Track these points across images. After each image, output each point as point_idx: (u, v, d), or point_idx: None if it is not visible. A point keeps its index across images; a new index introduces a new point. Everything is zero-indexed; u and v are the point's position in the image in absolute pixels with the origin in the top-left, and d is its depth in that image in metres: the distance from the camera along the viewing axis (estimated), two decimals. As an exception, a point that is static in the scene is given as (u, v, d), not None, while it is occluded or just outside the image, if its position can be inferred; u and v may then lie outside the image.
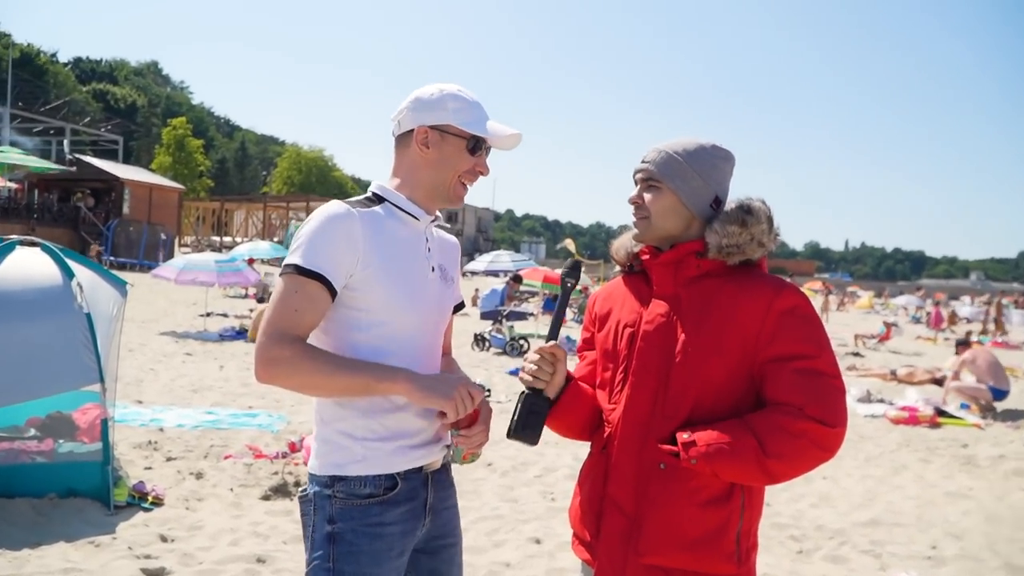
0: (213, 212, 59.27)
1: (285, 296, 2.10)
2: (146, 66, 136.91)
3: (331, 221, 2.14)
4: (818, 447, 2.03)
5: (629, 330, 2.26)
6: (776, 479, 2.08)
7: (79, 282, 5.39)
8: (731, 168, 2.29)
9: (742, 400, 2.14)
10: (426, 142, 2.26)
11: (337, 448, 2.20)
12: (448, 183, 2.29)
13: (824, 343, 2.12)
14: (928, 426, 10.54)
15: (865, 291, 62.98)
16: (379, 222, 2.21)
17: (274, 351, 2.06)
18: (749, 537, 2.16)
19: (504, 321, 16.61)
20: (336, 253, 2.11)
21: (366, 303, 2.17)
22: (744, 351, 2.11)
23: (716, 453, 2.04)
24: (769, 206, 2.23)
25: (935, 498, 7.15)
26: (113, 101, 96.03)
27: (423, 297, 2.27)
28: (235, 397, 9.82)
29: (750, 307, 2.12)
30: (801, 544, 5.70)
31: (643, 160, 2.28)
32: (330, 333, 2.20)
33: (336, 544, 2.16)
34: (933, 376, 14.53)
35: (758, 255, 2.21)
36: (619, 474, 2.20)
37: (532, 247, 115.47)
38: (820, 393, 2.04)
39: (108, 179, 40.80)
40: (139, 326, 16.19)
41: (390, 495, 2.20)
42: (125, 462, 6.43)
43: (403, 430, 2.22)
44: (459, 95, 2.27)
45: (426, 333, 2.31)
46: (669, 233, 2.24)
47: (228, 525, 5.37)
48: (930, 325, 29.79)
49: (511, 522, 5.81)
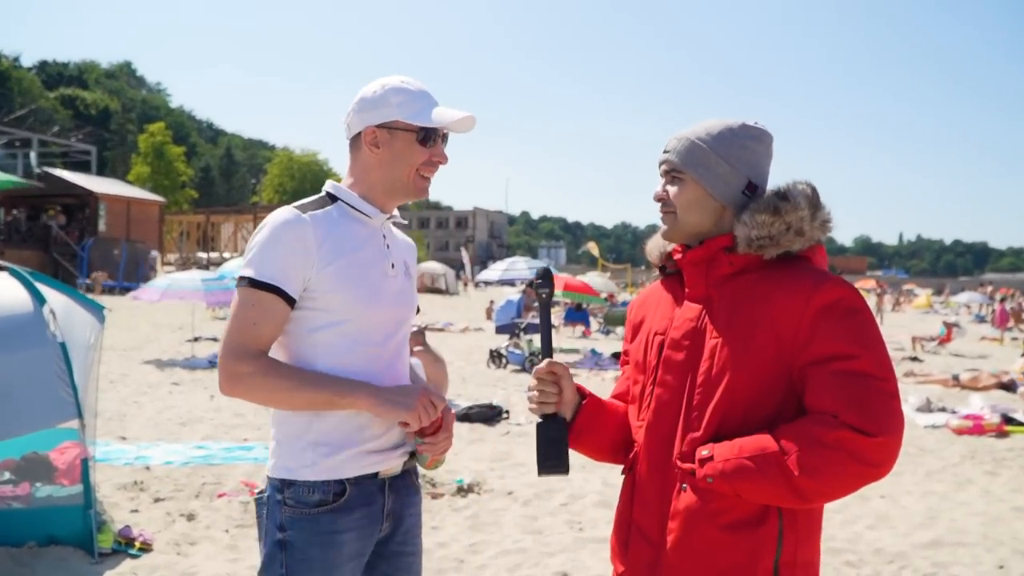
0: (198, 226, 59.51)
1: (242, 310, 2.27)
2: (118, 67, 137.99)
3: (281, 229, 2.28)
4: (857, 461, 1.91)
5: (659, 338, 2.22)
6: (810, 500, 1.97)
7: (51, 308, 5.43)
8: (765, 148, 2.21)
9: (780, 412, 2.05)
10: (375, 142, 2.39)
11: (289, 453, 2.36)
12: (405, 178, 2.42)
13: (871, 340, 2.00)
14: (995, 435, 10.52)
15: (923, 289, 62.73)
16: (333, 223, 2.35)
17: (237, 367, 2.25)
18: (794, 569, 2.04)
19: (522, 335, 16.65)
20: (289, 262, 2.26)
21: (325, 304, 2.32)
22: (780, 356, 2.02)
23: (736, 470, 1.97)
24: (815, 188, 2.14)
25: (1003, 514, 7.14)
26: (83, 107, 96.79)
27: (384, 294, 2.41)
28: (228, 429, 9.88)
29: (785, 305, 2.03)
30: (858, 570, 5.70)
31: (664, 150, 2.24)
32: (289, 335, 2.35)
33: (287, 552, 2.32)
34: (1000, 380, 14.49)
35: (798, 246, 2.10)
36: (643, 498, 2.17)
37: (551, 252, 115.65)
38: (860, 397, 1.92)
39: (81, 194, 41.11)
40: (120, 354, 16.30)
41: (340, 501, 2.33)
42: (109, 505, 6.49)
43: (357, 436, 2.36)
44: (402, 88, 2.39)
45: (389, 330, 2.44)
46: (698, 228, 2.18)
47: (224, 570, 5.41)
48: (995, 324, 29.64)
49: (535, 556, 5.83)
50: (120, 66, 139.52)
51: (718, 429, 2.06)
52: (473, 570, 5.54)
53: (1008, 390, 14.10)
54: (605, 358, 17.50)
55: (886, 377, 1.97)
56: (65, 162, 57.07)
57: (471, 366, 16.24)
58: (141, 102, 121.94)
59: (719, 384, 2.06)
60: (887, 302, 41.41)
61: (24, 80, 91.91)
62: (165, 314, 24.61)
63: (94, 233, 40.02)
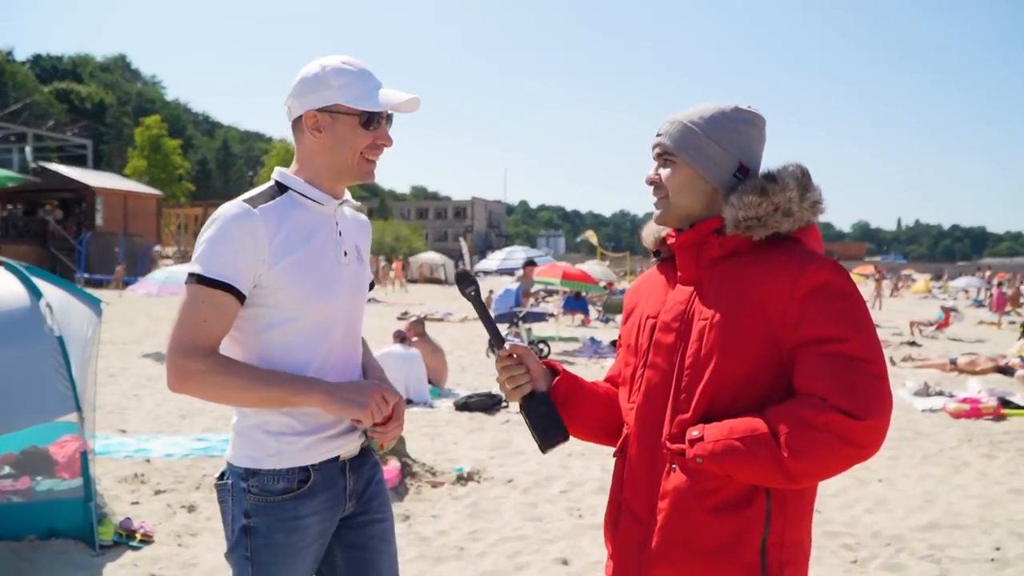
0: (196, 219, 59.47)
1: (192, 306, 2.25)
2: (113, 61, 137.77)
3: (231, 223, 2.25)
4: (846, 442, 1.92)
5: (651, 321, 2.24)
6: (798, 481, 1.98)
7: (48, 302, 5.44)
8: (758, 131, 2.23)
9: (770, 393, 2.06)
10: (317, 127, 2.36)
11: (252, 442, 2.37)
12: (349, 162, 2.39)
13: (861, 323, 2.01)
14: (992, 419, 10.55)
15: (921, 274, 62.77)
16: (283, 214, 2.32)
17: (187, 364, 2.22)
18: (782, 550, 2.05)
19: (521, 323, 16.62)
20: (239, 257, 2.23)
21: (276, 300, 2.30)
22: (768, 337, 2.03)
23: (725, 451, 1.98)
24: (805, 170, 2.14)
25: (999, 496, 7.18)
26: (78, 101, 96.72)
27: (336, 285, 2.40)
28: (228, 420, 9.77)
29: (774, 286, 2.03)
30: (856, 553, 5.73)
31: (657, 133, 2.25)
32: (242, 331, 2.34)
33: (252, 537, 2.35)
34: (997, 364, 14.53)
35: (787, 227, 2.11)
36: (633, 478, 2.20)
37: (550, 241, 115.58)
38: (850, 380, 1.93)
39: (77, 188, 41.05)
40: (120, 348, 16.31)
41: (304, 488, 2.36)
42: (110, 497, 6.51)
43: (319, 423, 2.39)
44: (343, 69, 2.35)
45: (342, 321, 2.45)
46: (690, 211, 2.20)
47: (225, 562, 5.42)
48: (992, 308, 29.68)
49: (535, 543, 5.86)
50: (115, 59, 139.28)
51: (707, 410, 2.07)
52: (473, 557, 5.57)
53: (1005, 374, 14.12)
54: (604, 346, 17.51)
55: (875, 359, 1.98)
56: (61, 156, 57.05)
57: (470, 355, 16.25)
58: (136, 95, 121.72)
59: (708, 366, 2.07)
60: (885, 287, 41.41)
61: (18, 74, 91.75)
62: (164, 308, 24.57)
63: (91, 227, 39.98)
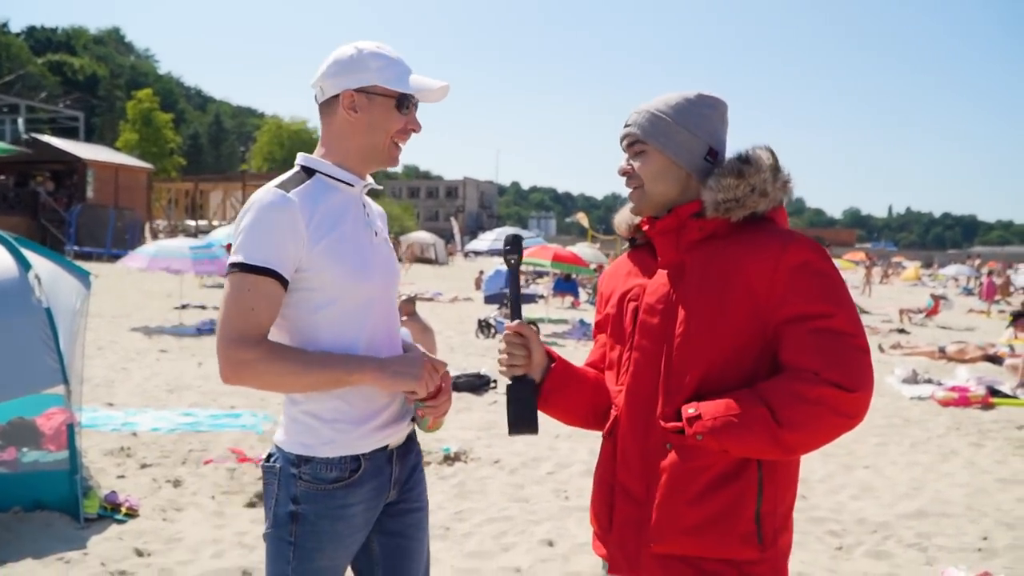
0: (187, 193, 59.35)
1: (238, 296, 2.21)
2: (107, 33, 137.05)
3: (269, 210, 2.24)
4: (838, 414, 2.01)
5: (633, 304, 2.29)
6: (793, 451, 2.08)
7: (37, 274, 5.41)
8: (721, 115, 2.30)
9: (756, 369, 2.13)
10: (353, 106, 2.35)
11: (305, 429, 2.35)
12: (381, 145, 2.39)
13: (842, 299, 2.09)
14: (980, 407, 10.57)
15: (911, 261, 62.87)
16: (316, 198, 2.31)
17: (240, 354, 2.19)
18: (775, 518, 2.14)
19: (510, 304, 16.63)
20: (280, 243, 2.22)
21: (319, 281, 2.29)
22: (754, 315, 2.10)
23: (724, 427, 2.03)
24: (773, 151, 2.22)
25: (986, 485, 7.19)
26: (71, 73, 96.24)
27: (374, 263, 2.40)
28: (215, 396, 9.88)
29: (756, 266, 2.10)
30: (841, 539, 5.74)
31: (625, 124, 2.31)
32: (288, 318, 2.32)
33: (298, 523, 2.33)
34: (986, 352, 14.57)
35: (763, 207, 2.18)
36: (626, 459, 2.24)
37: (541, 223, 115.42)
38: (839, 355, 2.02)
39: (69, 160, 40.85)
40: (108, 321, 16.28)
41: (355, 476, 2.35)
42: (96, 471, 6.49)
43: (371, 410, 2.37)
44: (380, 52, 2.37)
45: (384, 299, 2.44)
46: (666, 198, 2.25)
47: (210, 536, 5.43)
48: (982, 297, 29.77)
49: (521, 524, 5.86)
50: (108, 32, 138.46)
51: (698, 388, 2.13)
52: (459, 537, 5.57)
53: (994, 362, 14.16)
54: (594, 329, 17.54)
55: (859, 333, 2.07)
56: (53, 128, 56.74)
57: (460, 336, 16.24)
58: (129, 68, 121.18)
59: (696, 345, 2.14)
60: (876, 274, 41.51)
61: (12, 46, 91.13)
62: (153, 281, 24.54)
63: (82, 200, 39.77)
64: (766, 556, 2.12)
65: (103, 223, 37.78)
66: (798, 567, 5.22)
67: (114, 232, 37.60)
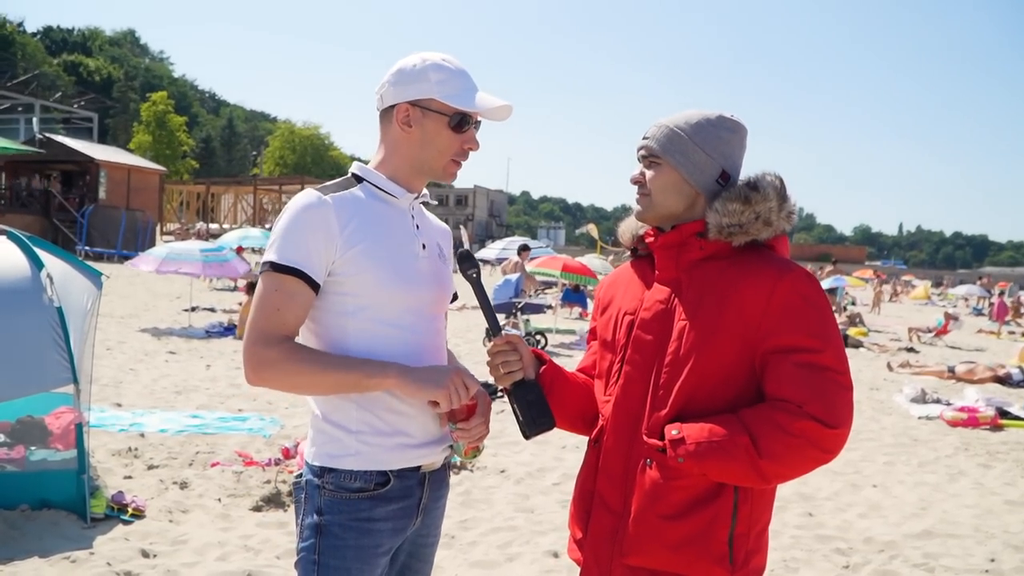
0: (198, 196, 59.57)
1: (265, 295, 2.21)
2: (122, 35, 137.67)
3: (303, 212, 2.22)
4: (817, 448, 2.06)
5: (628, 318, 2.33)
6: (770, 481, 2.11)
7: (49, 273, 5.43)
8: (740, 140, 2.31)
9: (742, 393, 2.17)
10: (408, 120, 2.32)
11: (330, 439, 2.31)
12: (434, 163, 2.35)
13: (831, 334, 2.13)
14: (989, 428, 10.51)
15: (921, 280, 62.74)
16: (357, 204, 2.29)
17: (262, 354, 2.18)
18: (748, 540, 2.17)
19: (519, 314, 16.60)
20: (312, 245, 2.20)
21: (352, 287, 2.25)
22: (744, 340, 2.13)
23: (706, 452, 2.07)
24: (783, 181, 2.24)
25: (994, 506, 7.15)
26: (86, 74, 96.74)
27: (413, 275, 2.34)
28: (223, 399, 9.89)
29: (751, 293, 2.14)
30: (848, 558, 5.71)
31: (644, 136, 2.33)
32: (319, 322, 2.30)
33: (323, 536, 2.28)
34: (996, 373, 14.46)
35: (765, 235, 2.21)
36: (608, 469, 2.29)
37: (550, 233, 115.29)
38: (823, 390, 2.06)
39: (82, 160, 40.92)
40: (118, 322, 16.30)
41: (381, 491, 2.30)
42: (103, 471, 6.50)
43: (403, 428, 2.32)
44: (443, 65, 2.31)
45: (422, 313, 2.38)
46: (671, 212, 2.28)
47: (215, 539, 5.42)
48: (993, 317, 29.64)
49: (526, 534, 5.84)
50: (124, 34, 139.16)
51: (683, 407, 2.17)
52: (464, 546, 5.55)
53: (1004, 383, 14.10)
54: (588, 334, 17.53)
55: (844, 371, 2.12)
56: (67, 128, 56.91)
57: (468, 344, 16.21)
58: (144, 70, 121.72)
59: (686, 364, 2.17)
60: (885, 292, 41.39)
61: (28, 45, 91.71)
62: (163, 283, 24.58)
63: (94, 200, 39.86)
64: None
65: (115, 224, 37.86)
66: (804, 584, 5.20)
67: (125, 233, 37.68)
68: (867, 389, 13.00)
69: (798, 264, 2.20)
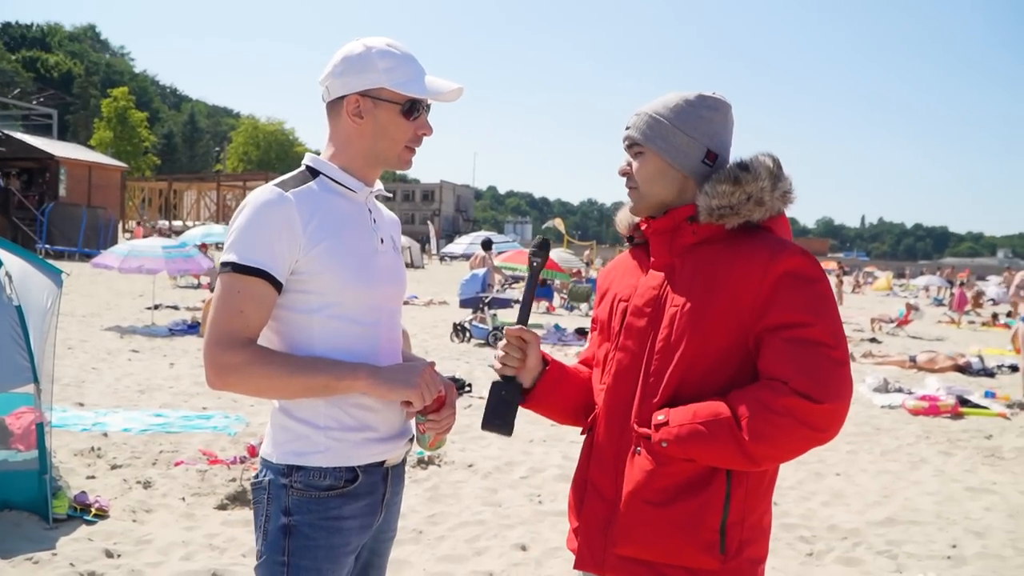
0: (160, 193, 59.04)
1: (227, 297, 2.13)
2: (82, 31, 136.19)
3: (265, 209, 2.14)
4: (806, 426, 1.98)
5: (624, 304, 2.31)
6: (760, 463, 2.05)
7: (7, 272, 5.37)
8: (723, 117, 2.27)
9: (736, 378, 2.12)
10: (359, 112, 2.26)
11: (297, 436, 2.24)
12: (388, 152, 2.30)
13: (825, 309, 2.06)
14: (950, 416, 10.66)
15: (883, 271, 63.31)
16: (316, 199, 2.22)
17: (226, 357, 2.10)
18: (742, 529, 2.12)
19: (486, 309, 16.62)
20: (274, 244, 2.13)
21: (316, 286, 2.19)
22: (738, 323, 2.09)
23: (689, 435, 2.04)
24: (776, 160, 2.20)
25: (956, 493, 7.25)
26: (45, 70, 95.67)
27: (375, 272, 2.30)
28: (187, 397, 9.82)
29: (745, 274, 2.09)
30: (812, 546, 5.77)
31: (626, 127, 2.31)
32: (281, 320, 2.23)
33: (292, 538, 2.21)
34: (956, 362, 14.66)
35: (758, 216, 2.17)
36: (600, 457, 2.27)
37: (517, 227, 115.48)
38: (810, 364, 1.99)
39: (41, 157, 40.47)
40: (80, 321, 16.14)
41: (350, 488, 2.25)
42: (65, 471, 6.44)
43: (369, 422, 2.28)
44: (389, 51, 2.25)
45: (383, 309, 2.34)
46: (661, 200, 2.26)
47: (180, 538, 5.39)
48: (953, 307, 29.97)
49: (494, 528, 5.85)
50: (84, 29, 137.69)
51: (675, 394, 2.14)
52: (431, 541, 5.55)
53: (964, 372, 14.30)
54: (568, 333, 17.53)
55: (837, 345, 2.04)
56: (26, 125, 56.25)
57: (435, 339, 16.22)
58: (104, 66, 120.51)
59: (677, 350, 2.13)
60: (847, 284, 41.72)
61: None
62: (126, 281, 24.35)
63: (55, 198, 39.43)
64: (727, 567, 2.11)
65: (75, 222, 37.42)
66: (770, 573, 5.23)
67: (86, 231, 37.28)
68: (830, 379, 13.05)
69: (793, 243, 2.16)
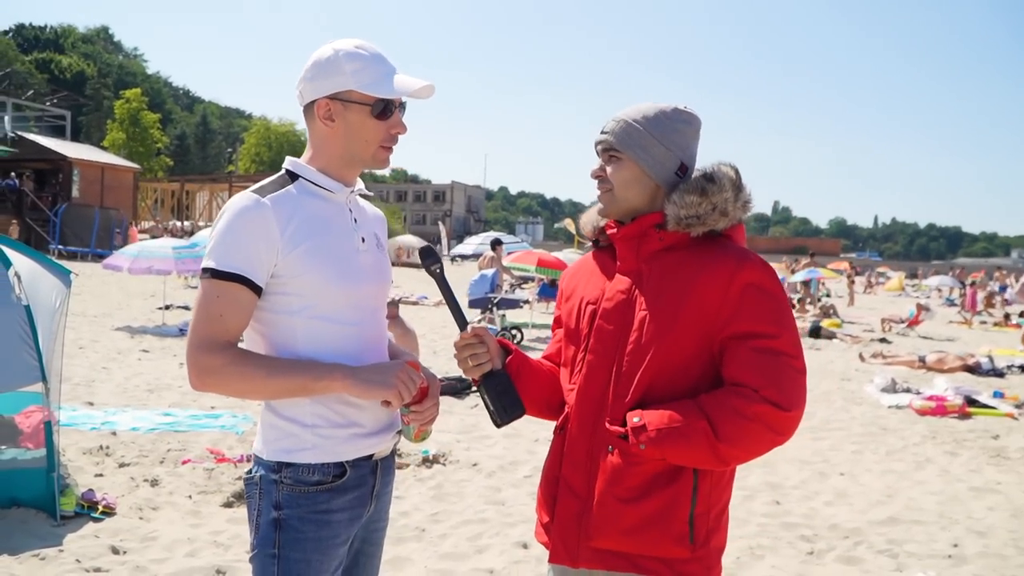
0: (172, 194, 59.14)
1: (207, 302, 2.20)
2: (95, 32, 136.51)
3: (241, 215, 2.20)
4: (772, 431, 2.14)
5: (591, 308, 2.39)
6: (728, 463, 2.20)
7: (16, 271, 5.42)
8: (695, 132, 2.38)
9: (701, 380, 2.25)
10: (329, 115, 2.30)
11: (285, 434, 2.31)
12: (362, 153, 2.34)
13: (786, 322, 2.21)
14: (957, 416, 10.64)
15: (895, 272, 63.04)
16: (295, 203, 2.27)
17: (205, 360, 2.19)
18: (708, 519, 2.25)
19: (495, 309, 16.63)
20: (252, 248, 2.19)
21: (297, 287, 2.25)
22: (704, 328, 2.21)
23: (666, 438, 2.14)
24: (738, 171, 2.31)
25: (959, 493, 7.26)
26: (59, 71, 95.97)
27: (356, 271, 2.34)
28: (196, 396, 9.85)
29: (710, 282, 2.20)
30: (813, 545, 5.79)
31: (602, 131, 2.38)
32: (264, 322, 2.29)
33: (282, 531, 2.28)
34: (965, 363, 14.60)
35: (722, 225, 2.28)
36: (572, 455, 2.34)
37: (528, 228, 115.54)
38: (777, 375, 2.14)
39: (55, 159, 40.71)
40: (91, 321, 16.23)
41: (338, 483, 2.32)
42: (74, 469, 6.51)
43: (356, 419, 2.33)
44: (356, 53, 2.28)
45: (365, 307, 2.39)
46: (633, 205, 2.34)
47: (185, 535, 5.44)
48: (965, 307, 29.88)
49: (496, 526, 5.89)
50: (97, 31, 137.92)
51: (645, 394, 2.23)
52: (434, 539, 5.60)
53: (973, 372, 14.26)
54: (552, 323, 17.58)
55: (798, 355, 2.21)
56: (39, 127, 56.45)
57: (443, 340, 16.25)
58: (117, 67, 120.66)
59: (647, 353, 2.23)
60: (859, 284, 41.56)
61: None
62: (137, 282, 24.42)
63: (68, 199, 39.64)
64: (697, 555, 2.24)
65: (88, 223, 37.58)
66: (769, 571, 5.27)
67: (98, 232, 37.42)
68: (838, 380, 13.10)
69: (754, 253, 2.27)
